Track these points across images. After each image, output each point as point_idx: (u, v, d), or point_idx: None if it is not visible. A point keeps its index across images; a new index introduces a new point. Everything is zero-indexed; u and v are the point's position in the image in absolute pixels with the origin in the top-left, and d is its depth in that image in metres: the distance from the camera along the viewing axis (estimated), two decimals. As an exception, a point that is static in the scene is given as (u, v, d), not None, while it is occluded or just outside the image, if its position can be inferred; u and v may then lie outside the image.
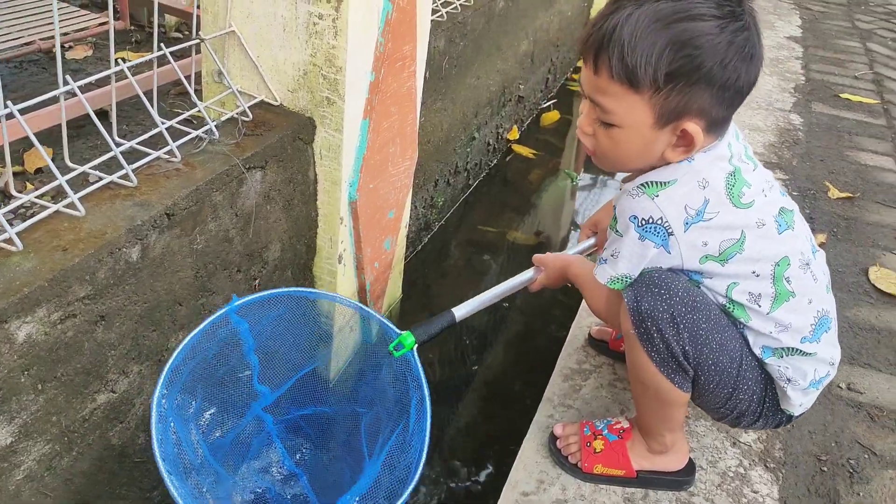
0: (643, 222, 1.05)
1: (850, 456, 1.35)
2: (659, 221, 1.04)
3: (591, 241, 1.49)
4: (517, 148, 3.10)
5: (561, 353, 1.53)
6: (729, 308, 1.11)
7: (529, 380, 1.85)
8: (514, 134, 3.18)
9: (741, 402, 1.14)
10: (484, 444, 1.67)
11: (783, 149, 2.59)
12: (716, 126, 1.04)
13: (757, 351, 1.12)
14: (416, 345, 1.22)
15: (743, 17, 0.98)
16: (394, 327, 1.25)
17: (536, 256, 1.46)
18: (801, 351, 1.11)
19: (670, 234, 1.05)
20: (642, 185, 1.06)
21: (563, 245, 2.67)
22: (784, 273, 1.08)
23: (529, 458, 1.29)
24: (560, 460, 1.28)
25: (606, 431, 1.28)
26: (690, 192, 1.04)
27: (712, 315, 1.09)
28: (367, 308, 1.34)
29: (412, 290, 2.16)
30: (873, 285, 1.87)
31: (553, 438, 1.30)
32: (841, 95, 3.18)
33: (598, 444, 1.25)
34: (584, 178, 2.98)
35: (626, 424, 1.28)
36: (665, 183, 1.05)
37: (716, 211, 1.05)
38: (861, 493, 1.28)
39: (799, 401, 1.14)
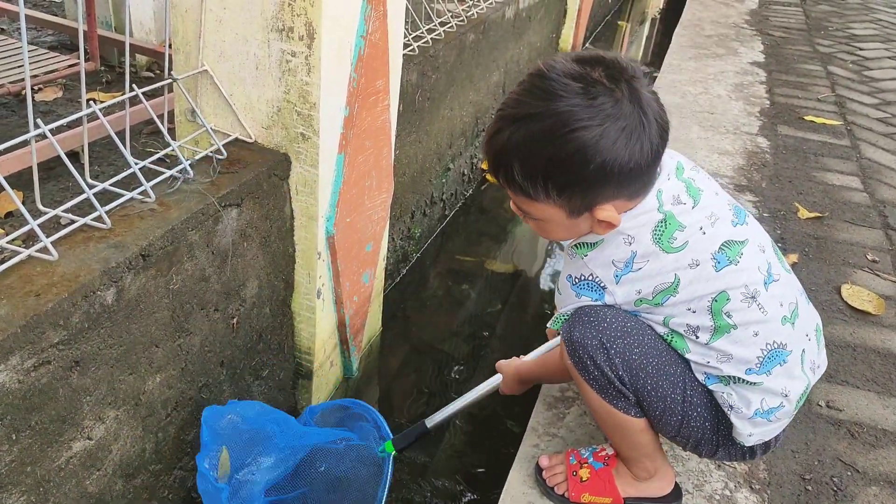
0: (577, 280, 1.11)
1: (834, 474, 1.35)
2: (590, 278, 1.10)
3: (557, 339, 1.47)
4: (491, 178, 3.11)
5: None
6: (668, 339, 1.12)
7: (513, 408, 1.84)
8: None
9: (694, 429, 1.14)
10: (470, 474, 1.66)
11: (752, 171, 2.63)
12: (638, 192, 1.05)
13: (700, 378, 1.12)
14: (395, 452, 1.42)
15: (621, 109, 0.97)
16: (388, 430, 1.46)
17: (499, 363, 1.49)
18: (745, 381, 1.09)
19: (603, 287, 1.09)
20: (574, 245, 1.12)
21: (539, 273, 2.68)
22: (723, 308, 1.06)
23: (516, 489, 1.28)
24: (547, 491, 1.27)
25: (592, 459, 1.27)
26: (616, 250, 1.07)
27: (646, 340, 1.10)
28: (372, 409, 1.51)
29: (392, 322, 2.15)
30: (846, 303, 1.89)
31: (539, 469, 1.30)
32: (805, 118, 3.25)
33: (585, 473, 1.25)
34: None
35: (610, 451, 1.28)
36: (593, 244, 1.09)
37: (645, 260, 1.06)
38: (846, 512, 1.29)
39: (746, 430, 1.11)
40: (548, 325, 1.25)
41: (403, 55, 1.95)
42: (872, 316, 1.85)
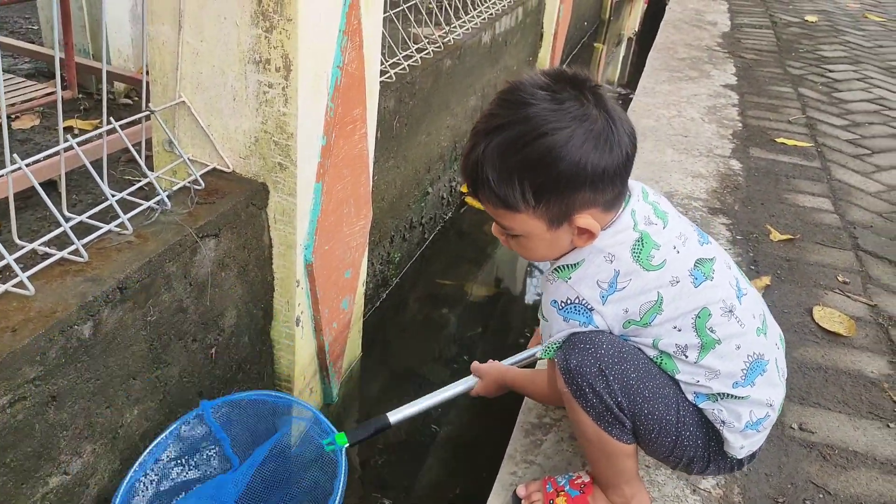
0: (563, 304, 1.12)
1: (806, 496, 1.37)
2: (577, 301, 1.10)
3: (535, 350, 1.50)
4: (470, 200, 3.14)
5: (521, 408, 1.54)
6: (658, 361, 1.14)
7: (490, 435, 1.85)
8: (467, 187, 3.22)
9: (687, 448, 1.16)
10: (448, 502, 1.66)
11: (725, 194, 2.68)
12: (612, 203, 1.09)
13: (690, 397, 1.14)
14: (347, 445, 1.32)
15: (588, 112, 1.01)
16: (330, 425, 1.36)
17: (475, 365, 1.51)
18: (732, 396, 1.13)
19: (590, 309, 1.10)
20: (555, 269, 1.13)
21: (520, 295, 2.70)
22: (706, 324, 1.11)
23: (494, 517, 1.28)
24: (524, 518, 1.28)
25: (568, 487, 1.28)
26: (599, 269, 1.09)
27: (641, 364, 1.12)
28: (308, 405, 1.43)
29: (372, 347, 2.16)
30: (818, 325, 1.93)
31: (517, 499, 1.30)
32: (777, 140, 3.31)
33: (561, 501, 1.26)
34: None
35: (587, 479, 1.29)
36: (575, 265, 1.10)
37: (627, 279, 1.09)
38: (819, 534, 1.30)
39: (738, 443, 1.15)
40: (537, 354, 1.24)
41: (381, 82, 1.97)
42: (843, 337, 1.88)
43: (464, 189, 3.19)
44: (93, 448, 1.12)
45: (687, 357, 1.11)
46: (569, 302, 1.11)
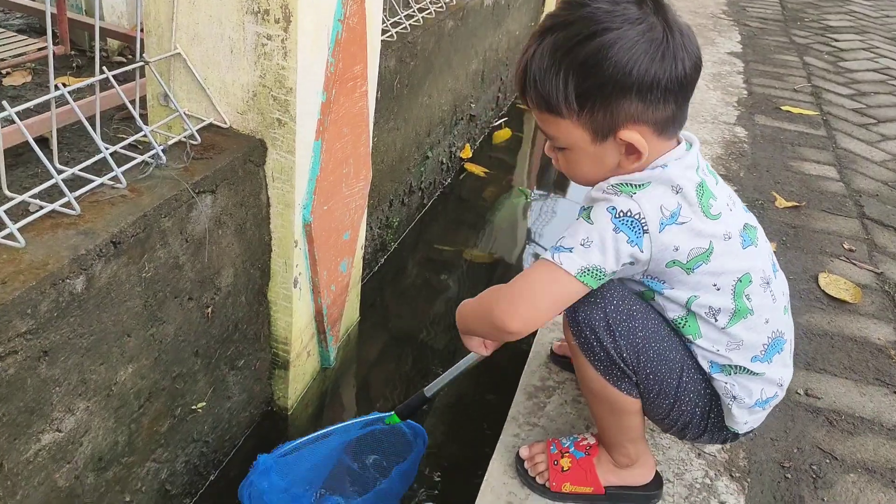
0: (621, 214, 1.03)
1: (813, 461, 1.36)
2: (637, 217, 1.02)
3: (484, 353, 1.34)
4: (470, 166, 3.10)
5: (523, 371, 1.52)
6: (680, 323, 1.11)
7: (491, 399, 1.83)
8: (467, 152, 3.18)
9: (683, 413, 1.14)
10: (449, 466, 1.64)
11: (730, 161, 2.64)
12: (665, 127, 1.04)
13: (704, 366, 1.12)
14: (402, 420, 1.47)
15: (646, 17, 0.99)
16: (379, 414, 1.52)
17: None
18: (749, 370, 1.10)
19: (645, 231, 1.02)
20: (617, 184, 1.05)
21: (518, 261, 2.67)
22: (745, 290, 1.08)
23: (497, 479, 1.27)
24: (528, 481, 1.26)
25: (573, 448, 1.26)
26: (665, 195, 1.04)
27: (650, 325, 1.09)
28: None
29: (370, 312, 2.13)
30: (824, 291, 1.90)
31: (520, 459, 1.29)
32: (782, 108, 3.26)
33: (566, 462, 1.24)
34: (538, 195, 3.00)
35: (592, 440, 1.27)
36: (640, 185, 1.04)
37: (688, 217, 1.04)
38: (825, 499, 1.29)
39: (743, 419, 1.13)
40: (550, 257, 1.04)
41: (381, 41, 1.92)
42: (849, 304, 1.86)
43: (463, 154, 3.15)
44: (86, 405, 1.10)
45: (716, 322, 1.08)
46: (629, 214, 1.02)
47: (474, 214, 2.83)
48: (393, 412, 1.45)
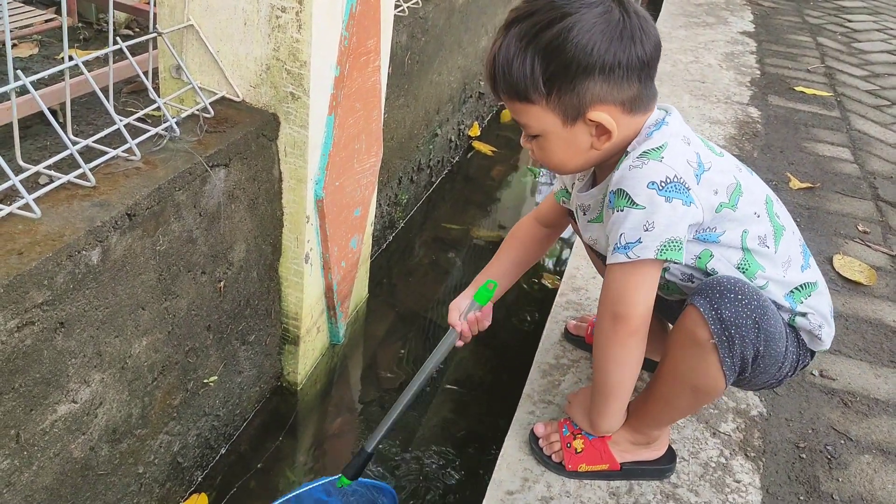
0: (663, 184, 1.02)
1: (828, 442, 1.35)
2: (676, 179, 1.02)
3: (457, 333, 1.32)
4: (477, 145, 3.08)
5: (538, 349, 1.51)
6: (744, 266, 1.11)
7: (505, 377, 1.83)
8: (476, 130, 3.16)
9: (783, 370, 1.14)
10: (465, 443, 1.64)
11: (744, 141, 2.61)
12: (634, 105, 1.06)
13: (785, 304, 1.12)
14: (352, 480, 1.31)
15: (602, 3, 1.02)
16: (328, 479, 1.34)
17: (451, 319, 1.35)
18: (805, 283, 1.14)
19: (688, 188, 1.03)
20: (641, 154, 1.05)
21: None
22: (773, 210, 1.14)
23: (512, 456, 1.26)
24: (543, 459, 1.25)
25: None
26: (683, 150, 1.06)
27: (772, 308, 1.08)
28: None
29: (378, 289, 2.12)
30: (838, 273, 1.89)
31: (535, 437, 1.28)
32: (796, 88, 3.23)
33: (579, 444, 1.23)
34: (546, 173, 2.98)
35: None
36: (660, 147, 1.05)
37: (709, 161, 1.08)
38: (840, 479, 1.28)
39: (830, 334, 1.16)
40: (626, 258, 1.04)
41: (394, 16, 1.89)
42: (864, 286, 1.85)
43: (471, 133, 3.13)
44: (101, 377, 1.09)
45: (769, 247, 1.12)
46: (668, 181, 1.02)
47: (482, 193, 2.81)
48: (341, 475, 1.32)
